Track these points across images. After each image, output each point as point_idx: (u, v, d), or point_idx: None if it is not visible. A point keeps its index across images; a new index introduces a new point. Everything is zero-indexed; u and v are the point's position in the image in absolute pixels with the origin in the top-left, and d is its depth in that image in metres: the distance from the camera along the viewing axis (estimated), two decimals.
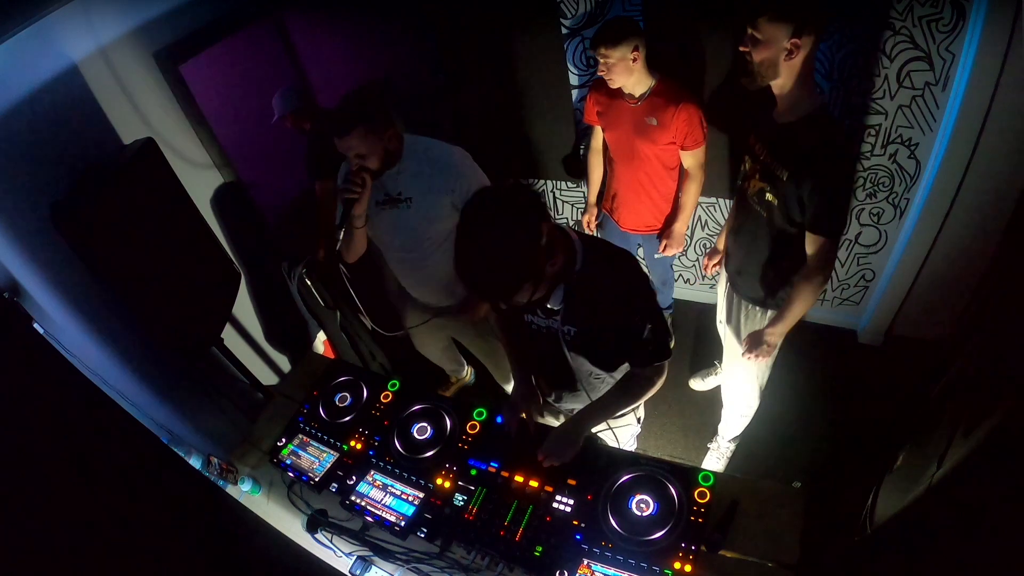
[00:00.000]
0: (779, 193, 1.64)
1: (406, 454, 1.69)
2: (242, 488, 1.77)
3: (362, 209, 1.85)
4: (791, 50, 1.49)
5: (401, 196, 1.90)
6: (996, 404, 1.09)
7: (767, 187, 1.68)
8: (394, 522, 1.55)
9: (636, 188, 2.44)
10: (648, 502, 1.44)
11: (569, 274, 1.36)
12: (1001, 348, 1.29)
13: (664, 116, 2.18)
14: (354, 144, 1.73)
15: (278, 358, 2.71)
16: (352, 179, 1.79)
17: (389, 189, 1.90)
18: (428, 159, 1.87)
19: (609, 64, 2.09)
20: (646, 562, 1.35)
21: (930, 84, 2.07)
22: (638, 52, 2.07)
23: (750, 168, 1.77)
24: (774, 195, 1.66)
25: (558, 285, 1.36)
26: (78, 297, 1.74)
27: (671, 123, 2.18)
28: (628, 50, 2.05)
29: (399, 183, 1.88)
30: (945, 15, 1.91)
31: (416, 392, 1.86)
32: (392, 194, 1.90)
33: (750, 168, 1.77)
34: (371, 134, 1.73)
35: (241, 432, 2.01)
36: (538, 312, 1.47)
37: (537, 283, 1.25)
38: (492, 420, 1.72)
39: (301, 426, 1.86)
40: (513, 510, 1.50)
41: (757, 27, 1.50)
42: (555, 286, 1.36)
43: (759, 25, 1.50)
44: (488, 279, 1.22)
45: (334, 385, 1.94)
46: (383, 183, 1.88)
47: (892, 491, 1.54)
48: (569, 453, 1.53)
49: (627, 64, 2.08)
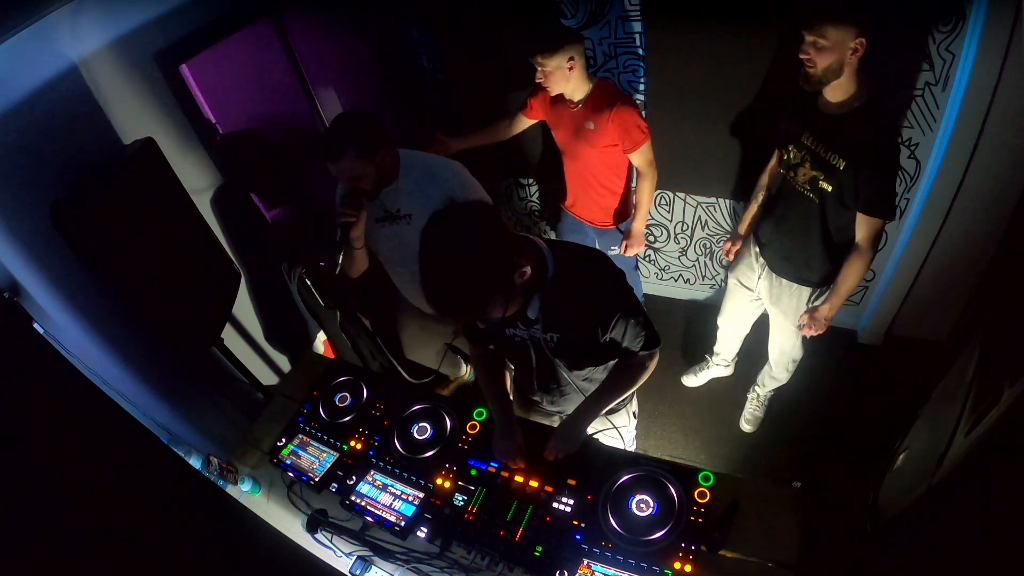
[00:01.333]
0: (835, 181, 1.75)
1: (406, 454, 1.69)
2: (242, 488, 1.77)
3: (359, 231, 1.86)
4: (856, 49, 1.57)
5: (400, 213, 1.91)
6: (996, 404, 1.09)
7: (821, 176, 1.78)
8: (394, 522, 1.55)
9: (584, 185, 2.49)
10: (648, 502, 1.44)
11: (542, 283, 1.35)
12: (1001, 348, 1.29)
13: (600, 120, 2.22)
14: (346, 168, 1.73)
15: (278, 358, 2.71)
16: (347, 203, 1.79)
17: (388, 206, 1.91)
18: (425, 175, 1.88)
19: (546, 72, 2.13)
20: (646, 562, 1.35)
21: (930, 84, 2.07)
22: (574, 61, 2.10)
23: (797, 158, 1.85)
24: (829, 183, 1.77)
25: (533, 295, 1.37)
26: (78, 297, 1.73)
27: (606, 127, 2.22)
28: (564, 59, 2.08)
29: (397, 200, 1.89)
30: (945, 15, 1.91)
31: (417, 392, 1.86)
32: (391, 211, 1.91)
33: (797, 158, 1.85)
34: (363, 157, 1.72)
35: (241, 432, 2.01)
36: (519, 324, 1.47)
37: (508, 296, 1.25)
38: (492, 420, 1.72)
39: (301, 426, 1.86)
40: (513, 510, 1.50)
41: (824, 34, 1.56)
42: (530, 296, 1.36)
43: (826, 32, 1.56)
44: (457, 299, 1.21)
45: (334, 385, 1.94)
46: (381, 200, 1.89)
47: (892, 491, 1.54)
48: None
49: (564, 72, 2.12)
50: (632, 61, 2.47)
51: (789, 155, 1.89)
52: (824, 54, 1.59)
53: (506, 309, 1.26)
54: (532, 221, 3.41)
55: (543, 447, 1.56)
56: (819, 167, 1.78)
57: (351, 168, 1.73)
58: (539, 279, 1.34)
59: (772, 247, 2.09)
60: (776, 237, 2.05)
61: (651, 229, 3.09)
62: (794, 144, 1.86)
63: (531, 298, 1.37)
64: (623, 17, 2.36)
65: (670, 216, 2.99)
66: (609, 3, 2.35)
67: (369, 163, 1.75)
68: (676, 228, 3.03)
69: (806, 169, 1.83)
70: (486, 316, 1.26)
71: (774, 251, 2.09)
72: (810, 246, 1.95)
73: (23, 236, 1.59)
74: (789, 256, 2.04)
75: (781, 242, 2.04)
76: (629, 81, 2.54)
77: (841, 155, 1.71)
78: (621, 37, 2.42)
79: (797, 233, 1.97)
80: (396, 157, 1.86)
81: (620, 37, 2.42)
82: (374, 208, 1.90)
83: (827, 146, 1.75)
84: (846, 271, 1.87)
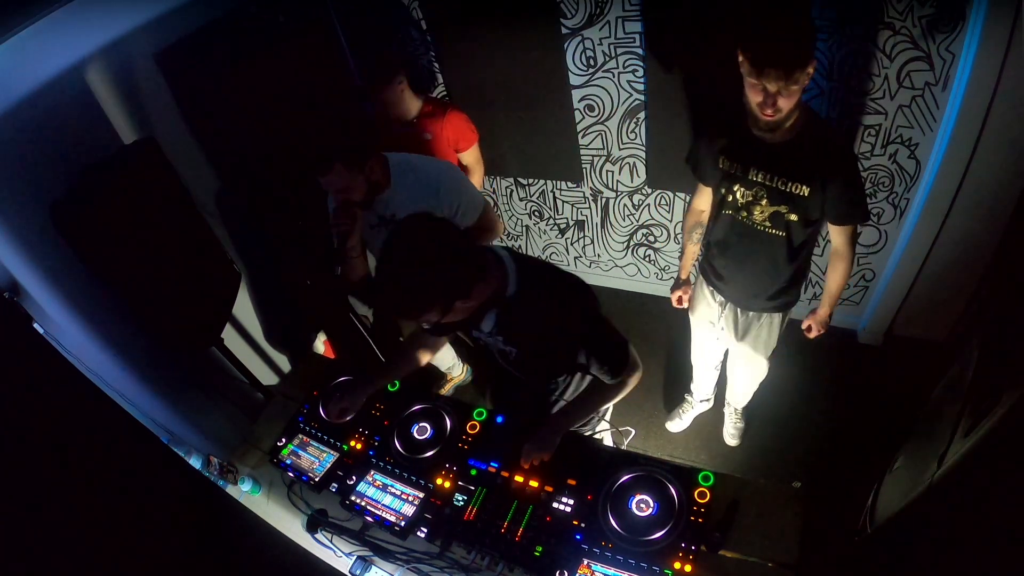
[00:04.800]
0: (800, 209, 1.66)
1: (406, 454, 1.69)
2: (242, 488, 1.77)
3: (355, 240, 1.87)
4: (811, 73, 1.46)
5: (395, 218, 1.91)
6: (996, 404, 1.09)
7: (784, 208, 1.68)
8: (394, 522, 1.55)
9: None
10: (648, 502, 1.44)
11: (499, 298, 1.37)
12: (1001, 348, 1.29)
13: (435, 128, 2.44)
14: (335, 180, 1.73)
15: (278, 358, 2.71)
16: (340, 214, 1.81)
17: (381, 212, 1.91)
18: (416, 179, 1.89)
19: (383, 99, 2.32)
20: (646, 562, 1.35)
21: (930, 84, 2.07)
22: (404, 83, 2.32)
23: (748, 196, 1.72)
24: (795, 213, 1.68)
25: (489, 310, 1.39)
26: (78, 297, 1.73)
27: (443, 133, 2.44)
28: (395, 84, 2.30)
29: (391, 206, 1.89)
30: (945, 15, 1.91)
31: (416, 392, 1.86)
32: (385, 216, 1.92)
33: (748, 196, 1.72)
34: (351, 168, 1.72)
35: (241, 432, 2.01)
36: (480, 328, 1.49)
37: (445, 309, 1.26)
38: (492, 420, 1.72)
39: (301, 426, 1.86)
40: (513, 510, 1.50)
41: (795, 80, 1.42)
42: (485, 311, 1.39)
43: (797, 78, 1.42)
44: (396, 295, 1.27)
45: (334, 385, 1.94)
46: (375, 207, 1.89)
47: (892, 491, 1.55)
48: (547, 454, 1.55)
49: (398, 94, 2.33)
50: (632, 61, 2.47)
51: (735, 196, 1.75)
52: (793, 97, 1.46)
53: (442, 318, 1.29)
54: (532, 221, 3.41)
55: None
56: (780, 201, 1.67)
57: (340, 179, 1.73)
58: (495, 295, 1.36)
59: (735, 286, 1.97)
60: (740, 277, 1.93)
61: (651, 229, 3.09)
62: (740, 184, 1.72)
63: (486, 311, 1.40)
64: (623, 17, 2.36)
65: (670, 216, 2.99)
66: (609, 3, 2.35)
67: (358, 173, 1.74)
68: (676, 228, 3.03)
69: (763, 207, 1.70)
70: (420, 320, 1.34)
71: (739, 290, 1.97)
72: (781, 277, 1.85)
73: (23, 236, 1.59)
74: (758, 293, 1.93)
75: (747, 282, 1.92)
76: (629, 81, 2.54)
77: (803, 182, 1.61)
78: (621, 37, 2.42)
79: (765, 271, 1.86)
80: (385, 164, 1.85)
81: (620, 37, 2.42)
82: (368, 215, 1.90)
83: (785, 177, 1.63)
84: (835, 276, 1.82)
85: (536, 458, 1.54)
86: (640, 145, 2.73)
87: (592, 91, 2.63)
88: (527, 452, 1.54)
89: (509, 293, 1.37)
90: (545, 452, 1.54)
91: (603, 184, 3.00)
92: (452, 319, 1.32)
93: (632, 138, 2.72)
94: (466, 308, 1.31)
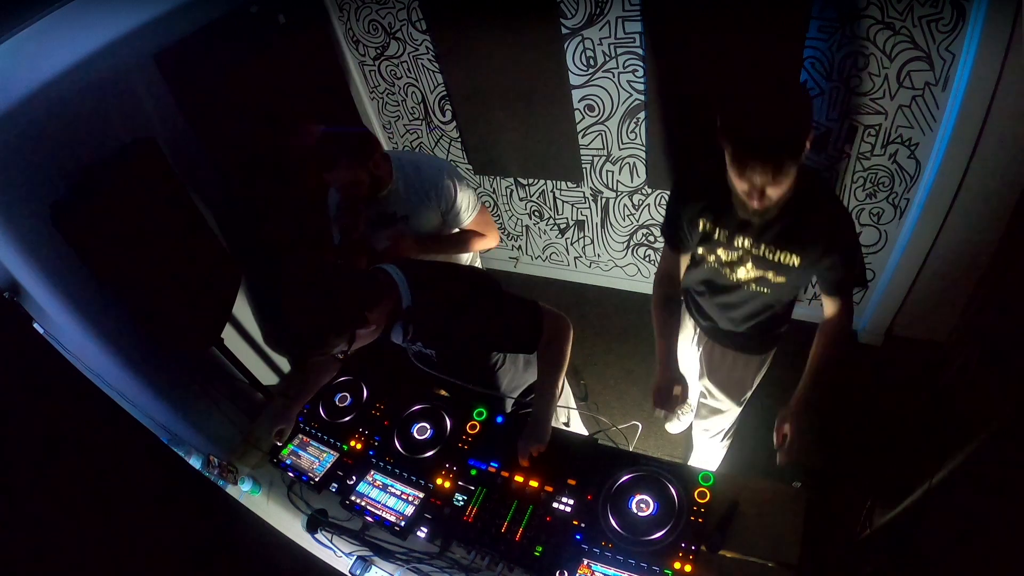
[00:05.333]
0: (791, 275, 1.51)
1: (406, 454, 1.69)
2: (242, 488, 1.77)
3: (358, 236, 1.90)
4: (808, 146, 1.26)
5: (396, 215, 1.94)
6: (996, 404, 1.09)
7: (770, 274, 1.53)
8: (394, 522, 1.55)
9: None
10: (648, 502, 1.44)
11: (398, 313, 1.45)
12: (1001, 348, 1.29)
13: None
14: (340, 176, 1.77)
15: (278, 358, 2.71)
16: (344, 209, 1.84)
17: (383, 208, 1.94)
18: (416, 176, 1.92)
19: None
20: (646, 562, 1.35)
21: (930, 84, 2.07)
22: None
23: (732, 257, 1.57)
24: (783, 276, 1.52)
25: (394, 324, 1.47)
26: (78, 297, 1.74)
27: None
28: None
29: (391, 203, 1.92)
30: (945, 15, 1.91)
31: (416, 392, 1.86)
32: (387, 213, 1.94)
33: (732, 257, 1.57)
34: (355, 164, 1.76)
35: (241, 432, 2.01)
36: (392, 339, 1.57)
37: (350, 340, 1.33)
38: (492, 420, 1.72)
39: (301, 426, 1.86)
40: (513, 510, 1.50)
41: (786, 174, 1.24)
42: (390, 326, 1.46)
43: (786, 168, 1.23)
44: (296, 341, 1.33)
45: (334, 385, 1.94)
46: (376, 204, 1.92)
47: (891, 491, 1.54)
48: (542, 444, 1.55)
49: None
50: (632, 61, 2.47)
51: (716, 256, 1.59)
52: (785, 184, 1.27)
53: (351, 346, 1.36)
54: (532, 221, 3.41)
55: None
56: (766, 268, 1.51)
57: (344, 175, 1.76)
58: (394, 311, 1.44)
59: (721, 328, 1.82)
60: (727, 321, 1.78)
61: (651, 229, 3.09)
62: (723, 248, 1.56)
63: (392, 326, 1.48)
64: (623, 17, 2.36)
65: None
66: (609, 3, 2.35)
67: (362, 169, 1.78)
68: None
69: (748, 268, 1.55)
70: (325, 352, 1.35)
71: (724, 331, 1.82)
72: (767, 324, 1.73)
73: (23, 236, 1.59)
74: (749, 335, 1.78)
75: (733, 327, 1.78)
76: (629, 81, 2.54)
77: (795, 253, 1.44)
78: (621, 37, 2.42)
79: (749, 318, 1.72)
80: (388, 161, 1.88)
81: (620, 37, 2.42)
82: (369, 212, 1.93)
83: (774, 247, 1.46)
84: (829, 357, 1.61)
85: (533, 450, 1.54)
86: (640, 145, 2.73)
87: (592, 91, 2.63)
88: (522, 447, 1.54)
89: (406, 305, 1.44)
90: (539, 442, 1.54)
91: (603, 184, 3.00)
92: (362, 343, 1.40)
93: (632, 138, 2.72)
94: (370, 332, 1.39)
